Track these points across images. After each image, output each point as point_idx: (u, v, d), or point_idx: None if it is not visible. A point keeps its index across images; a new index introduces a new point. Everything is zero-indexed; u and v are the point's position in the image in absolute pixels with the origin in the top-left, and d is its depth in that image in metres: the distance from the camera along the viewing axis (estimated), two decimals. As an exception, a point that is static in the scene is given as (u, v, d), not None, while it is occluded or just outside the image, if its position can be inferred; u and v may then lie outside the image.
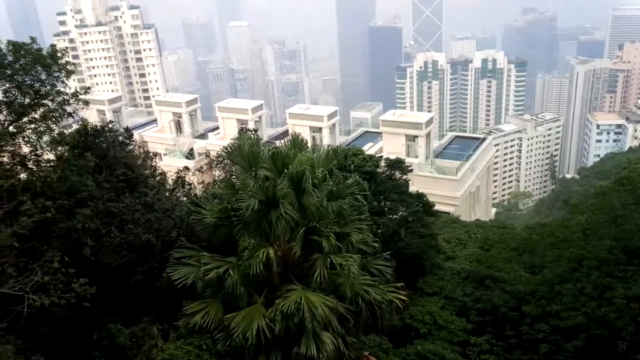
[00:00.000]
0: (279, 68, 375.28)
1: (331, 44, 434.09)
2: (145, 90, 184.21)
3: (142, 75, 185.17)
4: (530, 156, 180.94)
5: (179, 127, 62.38)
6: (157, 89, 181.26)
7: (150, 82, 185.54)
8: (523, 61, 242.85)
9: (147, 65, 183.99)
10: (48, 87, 13.52)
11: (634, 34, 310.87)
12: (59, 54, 13.73)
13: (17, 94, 13.18)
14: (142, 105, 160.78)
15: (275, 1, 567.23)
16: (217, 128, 61.35)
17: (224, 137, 56.70)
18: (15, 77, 13.14)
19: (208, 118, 68.26)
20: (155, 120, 65.81)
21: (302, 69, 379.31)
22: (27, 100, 13.21)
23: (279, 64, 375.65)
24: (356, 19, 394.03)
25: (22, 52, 13.31)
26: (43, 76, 13.56)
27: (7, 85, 13.25)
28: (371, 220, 16.38)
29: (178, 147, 60.25)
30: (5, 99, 13.07)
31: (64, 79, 13.93)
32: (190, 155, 59.17)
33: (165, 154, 58.24)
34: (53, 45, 14.22)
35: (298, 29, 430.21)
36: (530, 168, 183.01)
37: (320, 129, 53.60)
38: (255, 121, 58.18)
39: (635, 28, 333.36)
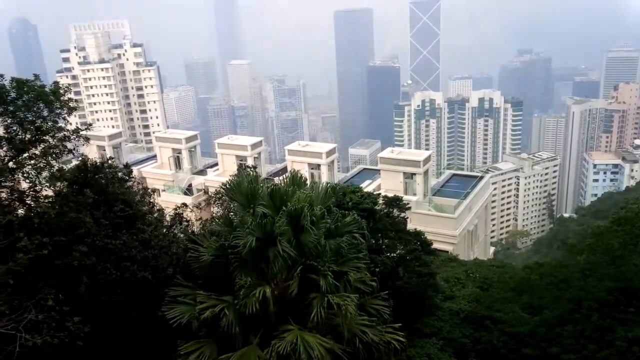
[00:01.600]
0: (278, 105, 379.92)
1: (330, 82, 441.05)
2: (146, 126, 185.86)
3: (143, 111, 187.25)
4: (528, 195, 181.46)
5: (178, 163, 62.58)
6: (158, 125, 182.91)
7: (151, 118, 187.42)
8: (519, 101, 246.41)
9: (148, 102, 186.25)
10: (50, 124, 13.66)
11: (628, 74, 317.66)
12: (61, 91, 13.94)
13: (18, 130, 13.31)
14: (142, 141, 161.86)
15: (276, 40, 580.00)
16: (216, 164, 61.55)
17: (222, 173, 56.83)
18: (17, 113, 13.31)
19: (207, 154, 68.55)
20: (154, 156, 66.04)
21: (301, 106, 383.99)
22: (28, 136, 13.34)
23: (279, 101, 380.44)
24: (355, 58, 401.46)
25: (25, 89, 13.52)
26: (45, 113, 13.73)
27: (8, 121, 13.40)
28: (369, 258, 16.31)
29: (176, 183, 60.26)
30: (6, 135, 13.19)
31: (66, 115, 14.09)
32: (188, 191, 59.12)
33: (164, 190, 58.20)
34: (56, 82, 14.45)
35: (298, 68, 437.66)
36: (528, 207, 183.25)
37: (318, 165, 53.78)
38: (255, 157, 58.42)
39: (629, 69, 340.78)
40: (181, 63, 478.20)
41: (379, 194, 26.32)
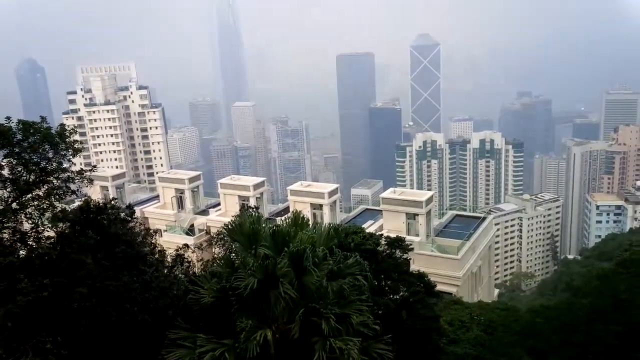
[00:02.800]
0: (281, 146, 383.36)
1: (333, 123, 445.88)
2: (150, 167, 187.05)
3: (147, 152, 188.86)
4: (531, 236, 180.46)
5: (180, 203, 62.63)
6: (161, 165, 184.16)
7: (155, 158, 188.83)
8: (520, 142, 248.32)
9: (153, 143, 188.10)
10: (54, 165, 13.79)
11: (627, 116, 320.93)
12: (67, 133, 14.13)
13: (23, 171, 13.43)
14: (145, 181, 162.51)
15: (280, 83, 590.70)
16: (219, 204, 61.56)
17: (224, 213, 56.75)
18: (22, 155, 13.46)
19: (210, 194, 68.66)
20: (157, 197, 66.19)
21: (303, 146, 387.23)
22: (33, 177, 13.44)
23: (282, 142, 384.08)
24: (357, 100, 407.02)
25: (31, 131, 13.72)
26: (50, 154, 13.88)
27: (13, 162, 13.54)
28: (372, 300, 16.09)
29: (179, 223, 60.14)
30: (10, 176, 13.30)
31: (71, 157, 14.24)
32: (190, 231, 58.93)
33: (166, 230, 58.06)
34: (62, 125, 14.67)
35: (301, 109, 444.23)
36: (531, 248, 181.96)
37: (321, 206, 53.72)
38: (257, 198, 58.47)
39: (628, 111, 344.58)
40: (186, 104, 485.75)
41: (382, 234, 26.21)
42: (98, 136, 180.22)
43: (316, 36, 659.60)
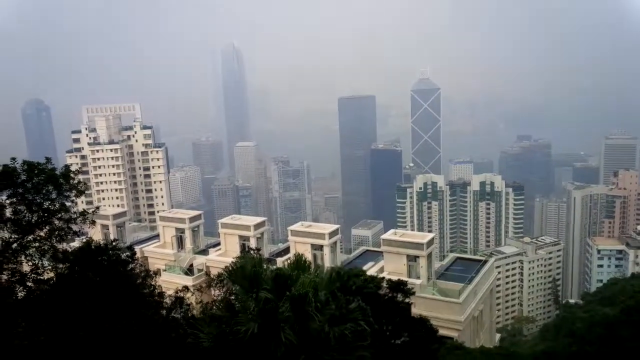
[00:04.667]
0: (282, 185, 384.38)
1: (334, 163, 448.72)
2: (151, 206, 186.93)
3: (149, 190, 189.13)
4: (532, 279, 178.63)
5: (180, 242, 62.23)
6: (163, 204, 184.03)
7: (156, 197, 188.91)
8: (520, 185, 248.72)
9: (155, 182, 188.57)
10: (57, 206, 13.80)
11: (626, 161, 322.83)
12: (71, 174, 14.21)
13: (25, 211, 13.44)
14: (146, 220, 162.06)
15: (282, 123, 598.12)
16: (219, 244, 61.12)
17: (225, 253, 56.30)
18: (26, 195, 13.50)
19: (210, 234, 68.24)
20: (157, 236, 65.82)
21: (304, 186, 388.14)
22: (35, 218, 13.44)
23: (283, 182, 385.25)
24: (358, 141, 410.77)
25: (35, 172, 13.80)
26: (54, 195, 13.91)
27: (16, 202, 13.56)
28: (373, 346, 15.80)
29: (178, 263, 59.57)
30: (12, 217, 13.30)
31: (74, 198, 14.27)
32: (189, 271, 58.32)
33: (165, 270, 57.47)
34: (67, 166, 14.78)
35: (302, 150, 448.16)
36: (532, 292, 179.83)
37: (321, 246, 53.33)
38: (257, 238, 58.08)
39: (627, 156, 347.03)
40: (189, 143, 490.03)
41: (383, 277, 25.97)
42: (101, 175, 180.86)
43: (318, 78, 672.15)
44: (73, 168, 14.89)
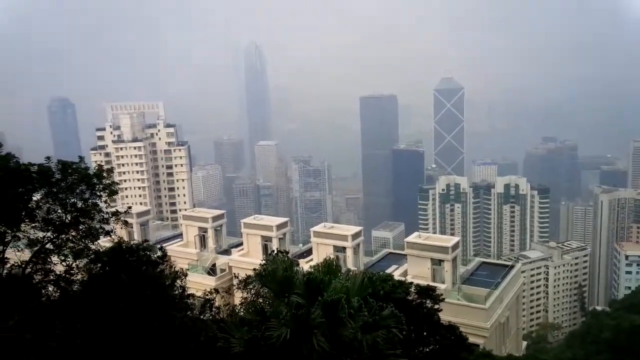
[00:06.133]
0: (303, 185, 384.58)
1: (355, 164, 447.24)
2: (173, 204, 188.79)
3: (172, 189, 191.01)
4: (558, 285, 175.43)
5: (203, 242, 62.43)
6: (185, 202, 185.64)
7: (179, 196, 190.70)
8: (546, 188, 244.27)
9: (177, 180, 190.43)
10: (90, 206, 13.77)
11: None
12: (104, 174, 14.18)
13: (59, 211, 13.43)
14: (168, 218, 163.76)
15: (303, 123, 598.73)
16: (241, 244, 61.14)
17: (247, 253, 56.30)
18: (60, 195, 13.49)
19: (231, 233, 68.26)
20: (180, 235, 66.15)
21: (325, 186, 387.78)
22: (69, 217, 13.42)
23: (304, 182, 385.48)
24: (380, 142, 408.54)
25: (69, 171, 13.78)
26: (87, 195, 13.88)
27: (50, 202, 13.56)
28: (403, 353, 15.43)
29: (201, 263, 59.77)
30: (47, 216, 13.30)
31: (107, 198, 14.24)
32: (212, 271, 58.44)
33: (188, 269, 57.70)
34: (100, 165, 14.76)
35: (323, 150, 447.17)
36: (558, 298, 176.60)
37: (344, 248, 52.94)
38: (280, 238, 57.96)
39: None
40: (211, 142, 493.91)
41: (411, 283, 25.53)
42: (124, 172, 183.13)
43: (339, 78, 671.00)
44: (105, 167, 14.85)
